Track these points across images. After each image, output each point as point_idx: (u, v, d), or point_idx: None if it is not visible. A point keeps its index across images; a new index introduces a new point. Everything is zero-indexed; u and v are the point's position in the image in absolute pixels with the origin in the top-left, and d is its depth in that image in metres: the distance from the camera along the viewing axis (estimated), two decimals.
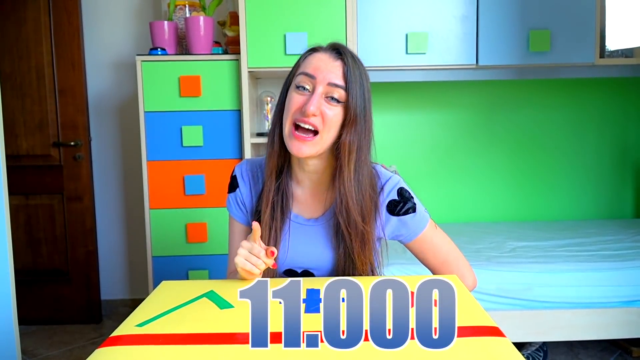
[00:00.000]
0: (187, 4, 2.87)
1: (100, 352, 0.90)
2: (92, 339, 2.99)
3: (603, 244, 2.75)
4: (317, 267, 1.35)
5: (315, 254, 1.34)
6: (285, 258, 1.35)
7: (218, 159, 2.74)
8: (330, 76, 1.22)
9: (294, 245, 1.34)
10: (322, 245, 1.33)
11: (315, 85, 1.22)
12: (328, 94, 1.22)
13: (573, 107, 3.35)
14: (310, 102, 1.19)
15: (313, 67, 1.23)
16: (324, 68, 1.22)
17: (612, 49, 2.90)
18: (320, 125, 1.21)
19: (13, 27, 3.01)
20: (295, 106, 1.22)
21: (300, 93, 1.23)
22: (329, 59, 1.24)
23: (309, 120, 1.20)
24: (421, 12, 2.75)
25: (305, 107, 1.20)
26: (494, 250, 2.68)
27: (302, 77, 1.23)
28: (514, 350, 0.86)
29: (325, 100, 1.22)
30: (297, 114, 1.22)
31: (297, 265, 1.36)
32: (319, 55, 1.26)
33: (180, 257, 2.76)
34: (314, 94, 1.21)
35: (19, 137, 3.07)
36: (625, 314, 2.40)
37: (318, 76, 1.22)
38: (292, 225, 1.35)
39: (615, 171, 3.41)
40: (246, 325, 0.97)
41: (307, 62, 1.26)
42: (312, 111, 1.19)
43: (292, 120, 1.23)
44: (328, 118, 1.21)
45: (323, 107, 1.21)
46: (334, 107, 1.22)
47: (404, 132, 3.31)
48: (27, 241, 3.15)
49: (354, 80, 1.22)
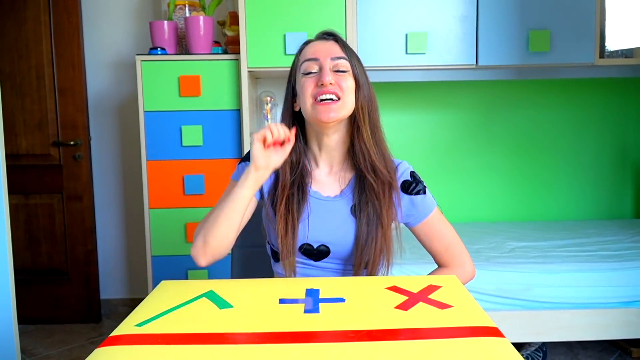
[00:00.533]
0: (187, 4, 2.87)
1: (100, 351, 0.90)
2: (91, 339, 2.99)
3: (602, 245, 2.75)
4: (334, 241, 1.38)
5: (332, 228, 1.38)
6: (303, 233, 1.39)
7: (218, 159, 2.74)
8: (331, 52, 1.35)
9: (313, 220, 1.39)
10: (341, 219, 1.39)
11: (322, 64, 1.33)
12: (334, 67, 1.34)
13: (573, 107, 3.35)
14: (324, 74, 1.31)
15: (313, 52, 1.36)
16: (322, 49, 1.36)
17: (611, 49, 2.90)
18: (340, 92, 1.33)
19: (13, 27, 3.01)
20: (310, 87, 1.33)
21: (310, 77, 1.34)
22: (324, 42, 1.38)
23: (328, 89, 1.31)
24: (421, 12, 2.75)
25: (321, 80, 1.31)
26: (494, 251, 2.68)
27: (306, 63, 1.35)
28: (513, 351, 0.86)
29: (334, 73, 1.34)
30: (315, 90, 1.33)
31: (314, 239, 1.39)
32: (314, 43, 1.40)
33: (179, 257, 2.76)
34: (324, 69, 1.32)
35: (19, 137, 3.07)
36: (625, 314, 2.41)
37: (320, 56, 1.34)
38: (312, 202, 1.41)
39: (614, 171, 3.41)
40: (245, 325, 0.97)
41: (305, 52, 1.38)
42: (328, 80, 1.31)
43: (312, 97, 1.33)
44: (343, 85, 1.33)
45: (335, 77, 1.33)
46: (343, 75, 1.35)
47: (403, 132, 3.31)
48: (27, 240, 3.15)
49: (350, 53, 1.37)
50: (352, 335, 0.91)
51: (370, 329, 0.94)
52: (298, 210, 1.37)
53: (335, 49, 1.36)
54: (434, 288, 1.16)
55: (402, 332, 0.93)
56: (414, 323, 0.96)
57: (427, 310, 1.03)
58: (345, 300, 1.09)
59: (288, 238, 1.35)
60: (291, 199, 1.37)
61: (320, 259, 1.40)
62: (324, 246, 1.39)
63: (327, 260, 1.41)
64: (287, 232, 1.35)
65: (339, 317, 1.00)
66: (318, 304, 1.07)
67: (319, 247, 1.39)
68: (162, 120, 2.71)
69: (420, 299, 1.09)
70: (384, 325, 0.95)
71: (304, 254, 1.40)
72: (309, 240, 1.39)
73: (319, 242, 1.39)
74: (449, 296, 1.11)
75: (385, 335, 0.91)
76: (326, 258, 1.40)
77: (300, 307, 1.06)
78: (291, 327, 0.96)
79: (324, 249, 1.39)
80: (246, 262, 1.70)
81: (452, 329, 0.94)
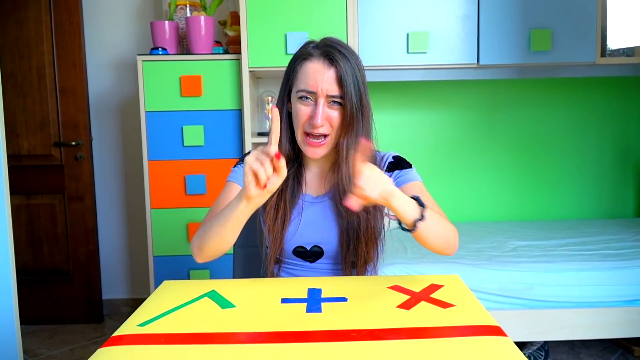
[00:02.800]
0: (188, 4, 2.87)
1: (103, 351, 0.90)
2: (94, 339, 3.00)
3: (604, 243, 2.74)
4: (325, 241, 1.40)
5: (324, 227, 1.40)
6: (294, 235, 1.40)
7: (219, 159, 2.74)
8: (328, 88, 1.31)
9: (305, 222, 1.41)
10: (331, 218, 1.41)
11: (317, 98, 1.32)
12: (329, 100, 1.33)
13: (574, 106, 3.34)
14: (316, 116, 1.30)
15: (311, 82, 1.32)
16: (320, 79, 1.31)
17: (613, 48, 2.90)
18: (328, 130, 1.34)
19: (14, 27, 3.01)
20: (303, 117, 1.34)
21: (305, 104, 1.34)
22: (323, 68, 1.32)
23: (318, 131, 1.33)
24: (422, 12, 2.75)
25: (312, 121, 1.31)
26: (496, 250, 2.67)
27: (302, 92, 1.33)
28: (515, 350, 0.86)
29: (328, 106, 1.33)
30: (306, 125, 1.34)
31: (307, 241, 1.40)
32: (313, 65, 1.33)
33: (181, 257, 2.76)
34: (317, 107, 1.31)
35: (20, 137, 3.07)
36: (627, 313, 2.40)
37: (317, 90, 1.31)
38: (303, 205, 1.43)
39: (616, 170, 3.40)
40: (248, 324, 0.97)
41: (303, 74, 1.34)
42: (319, 124, 1.31)
43: (303, 131, 1.35)
44: (333, 121, 1.33)
45: (327, 112, 1.33)
46: (336, 109, 1.33)
47: (405, 131, 3.31)
48: (29, 241, 3.15)
49: (348, 83, 1.31)
50: (354, 334, 0.91)
51: (372, 328, 0.94)
52: (291, 203, 1.40)
53: (332, 83, 1.30)
54: (436, 287, 1.16)
55: (404, 331, 0.93)
56: (416, 322, 0.96)
57: (429, 310, 1.03)
58: (347, 300, 1.09)
59: (277, 226, 1.38)
60: (285, 191, 1.40)
61: (315, 260, 1.42)
62: (317, 247, 1.41)
63: (321, 261, 1.42)
64: (276, 220, 1.38)
65: (341, 316, 1.00)
66: (320, 303, 1.07)
67: (312, 249, 1.41)
68: (163, 120, 2.71)
69: (422, 298, 1.10)
70: (386, 325, 0.95)
71: (298, 256, 1.42)
72: (302, 243, 1.41)
73: (312, 244, 1.40)
74: (451, 295, 1.11)
75: (387, 334, 0.91)
76: (321, 259, 1.42)
77: (302, 306, 1.06)
78: (293, 326, 0.96)
79: (317, 249, 1.41)
80: (248, 262, 1.70)
81: (454, 328, 0.94)
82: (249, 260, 1.68)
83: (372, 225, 1.38)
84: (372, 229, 1.38)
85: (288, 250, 1.42)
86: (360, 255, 1.36)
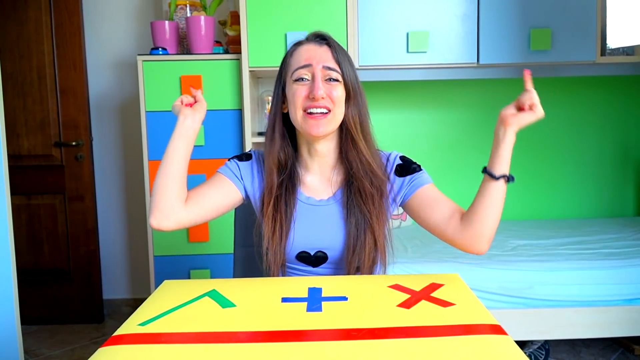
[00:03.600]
0: (188, 4, 2.87)
1: (103, 351, 0.90)
2: (94, 339, 3.00)
3: (605, 242, 2.75)
4: (330, 246, 1.37)
5: (329, 232, 1.37)
6: (298, 241, 1.37)
7: (219, 159, 2.74)
8: (324, 59, 1.31)
9: (308, 227, 1.38)
10: (336, 222, 1.38)
11: (314, 72, 1.30)
12: (326, 76, 1.31)
13: (574, 105, 3.34)
14: (317, 87, 1.28)
15: (305, 58, 1.32)
16: (314, 55, 1.31)
17: (613, 47, 2.90)
18: (330, 105, 1.30)
19: (14, 27, 3.01)
20: (300, 96, 1.30)
21: (301, 84, 1.31)
22: (316, 47, 1.34)
23: (319, 104, 1.29)
24: (422, 11, 2.75)
25: (313, 93, 1.28)
26: (495, 249, 2.67)
27: (299, 70, 1.31)
28: (515, 349, 0.86)
29: (325, 82, 1.31)
30: (305, 102, 1.30)
31: (311, 247, 1.38)
32: (305, 46, 1.35)
33: (181, 257, 2.76)
34: (316, 80, 1.29)
35: (21, 137, 3.07)
36: (627, 312, 2.40)
37: (313, 63, 1.30)
38: (305, 208, 1.39)
39: (617, 169, 3.40)
40: (248, 324, 0.97)
41: (297, 56, 1.35)
42: (320, 94, 1.28)
43: (302, 108, 1.31)
44: (334, 96, 1.31)
45: (326, 88, 1.30)
46: (335, 85, 1.32)
47: (405, 131, 3.31)
48: (29, 241, 3.15)
49: (343, 60, 1.32)
50: (355, 333, 0.91)
51: (372, 327, 0.94)
52: (286, 212, 1.35)
53: (327, 56, 1.32)
54: (436, 286, 1.16)
55: (404, 330, 0.93)
56: (416, 321, 0.97)
57: (429, 308, 1.03)
58: (348, 299, 1.09)
59: (275, 238, 1.34)
60: (280, 199, 1.36)
61: (318, 265, 1.40)
62: (321, 252, 1.38)
63: (325, 266, 1.40)
64: (274, 232, 1.34)
65: (341, 315, 1.00)
66: (320, 302, 1.07)
67: (316, 254, 1.38)
68: (163, 120, 2.72)
69: (423, 297, 1.10)
70: (387, 324, 0.95)
71: (301, 261, 1.40)
72: (306, 248, 1.38)
73: (316, 249, 1.38)
74: (451, 294, 1.11)
75: (387, 333, 0.91)
76: (324, 264, 1.39)
77: (303, 305, 1.06)
78: (294, 325, 0.96)
79: (321, 254, 1.38)
80: (248, 262, 1.70)
81: (455, 327, 0.94)
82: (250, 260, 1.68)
83: (378, 230, 1.35)
84: (379, 234, 1.35)
85: (291, 255, 1.39)
86: (365, 261, 1.33)
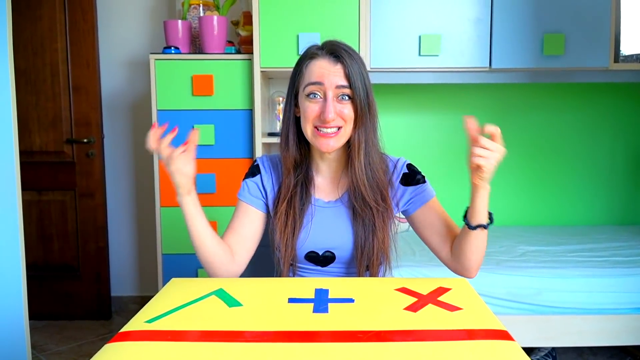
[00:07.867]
0: (201, 4, 2.88)
1: (110, 347, 0.90)
2: (102, 335, 3.01)
3: (615, 250, 2.72)
4: (338, 246, 1.41)
5: (337, 233, 1.41)
6: (306, 241, 1.41)
7: (229, 158, 2.75)
8: (336, 80, 1.31)
9: (316, 228, 1.41)
10: (343, 223, 1.41)
11: (325, 91, 1.32)
12: (338, 95, 1.32)
13: (587, 111, 3.32)
14: (327, 110, 1.30)
15: (317, 75, 1.33)
16: (327, 74, 1.32)
17: (626, 54, 2.87)
18: (341, 123, 1.33)
19: (28, 24, 3.04)
20: (312, 114, 1.33)
21: (313, 101, 1.33)
22: (329, 64, 1.33)
23: (330, 125, 1.32)
24: (434, 14, 2.74)
25: (324, 116, 1.30)
26: (504, 254, 2.66)
27: (310, 87, 1.33)
28: (522, 355, 0.86)
29: (337, 101, 1.32)
30: (316, 121, 1.33)
31: (319, 247, 1.41)
32: (319, 62, 1.35)
33: (190, 255, 2.77)
34: (327, 100, 1.31)
35: (33, 133, 3.10)
36: (636, 320, 2.38)
37: (325, 82, 1.31)
38: (314, 209, 1.43)
39: (628, 177, 3.37)
40: (254, 323, 0.97)
41: (310, 71, 1.35)
42: (331, 118, 1.30)
43: (313, 125, 1.34)
44: (345, 115, 1.33)
45: (338, 107, 1.32)
46: (346, 104, 1.33)
47: (416, 134, 3.30)
48: (39, 237, 3.18)
49: (355, 78, 1.32)
50: (361, 335, 0.91)
51: (378, 329, 0.94)
52: (301, 210, 1.40)
53: (340, 75, 1.32)
54: (444, 290, 1.16)
55: (410, 333, 0.92)
56: (422, 325, 0.96)
57: (436, 312, 1.03)
58: (355, 301, 1.09)
59: (287, 232, 1.38)
60: (294, 197, 1.40)
61: (326, 264, 1.43)
62: (329, 252, 1.42)
63: (333, 266, 1.43)
64: (286, 227, 1.39)
65: (347, 317, 1.00)
66: (327, 304, 1.07)
67: (324, 254, 1.42)
68: (174, 119, 2.72)
69: (430, 300, 1.09)
70: (393, 327, 0.95)
71: (310, 261, 1.43)
72: (314, 248, 1.42)
73: (324, 249, 1.41)
74: (459, 299, 1.11)
75: (393, 336, 0.91)
76: (332, 263, 1.43)
77: (310, 306, 1.06)
78: (300, 326, 0.96)
79: (330, 254, 1.42)
80: (256, 261, 1.70)
81: (462, 332, 0.93)
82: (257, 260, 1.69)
83: (384, 231, 1.38)
84: (384, 235, 1.38)
85: (300, 255, 1.42)
86: (373, 260, 1.37)
